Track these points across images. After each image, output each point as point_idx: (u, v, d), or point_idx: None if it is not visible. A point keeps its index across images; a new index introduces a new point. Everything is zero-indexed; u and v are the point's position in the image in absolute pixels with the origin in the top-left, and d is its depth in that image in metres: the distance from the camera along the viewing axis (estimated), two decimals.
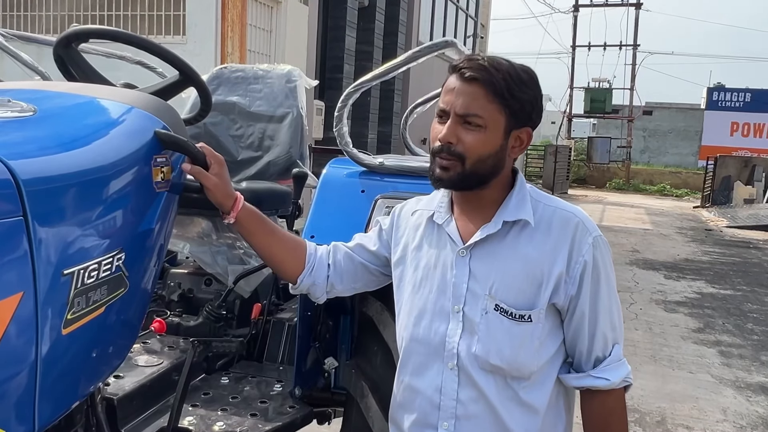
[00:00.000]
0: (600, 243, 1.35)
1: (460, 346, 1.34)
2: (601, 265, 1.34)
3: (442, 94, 1.34)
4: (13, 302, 1.00)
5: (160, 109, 1.49)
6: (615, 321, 1.37)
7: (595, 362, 1.36)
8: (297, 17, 7.66)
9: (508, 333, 1.31)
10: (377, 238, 1.55)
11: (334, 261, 1.54)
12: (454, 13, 15.00)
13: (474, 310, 1.33)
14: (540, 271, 1.32)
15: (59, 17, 6.62)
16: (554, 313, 1.36)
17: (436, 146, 1.33)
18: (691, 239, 12.34)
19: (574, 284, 1.33)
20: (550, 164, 21.40)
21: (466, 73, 1.29)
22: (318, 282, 1.53)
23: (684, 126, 33.03)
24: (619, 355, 1.37)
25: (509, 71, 1.30)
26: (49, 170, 1.12)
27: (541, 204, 1.37)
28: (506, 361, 1.31)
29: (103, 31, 1.72)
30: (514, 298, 1.32)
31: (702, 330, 6.14)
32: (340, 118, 2.01)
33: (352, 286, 1.58)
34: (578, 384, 1.37)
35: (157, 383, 1.93)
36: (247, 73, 2.66)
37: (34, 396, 1.07)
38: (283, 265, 1.53)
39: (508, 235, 1.35)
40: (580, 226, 1.34)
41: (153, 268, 1.45)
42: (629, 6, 26.07)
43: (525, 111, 1.32)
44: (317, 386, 2.15)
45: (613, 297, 1.37)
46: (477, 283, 1.34)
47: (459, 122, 1.29)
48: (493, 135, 1.30)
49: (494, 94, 1.28)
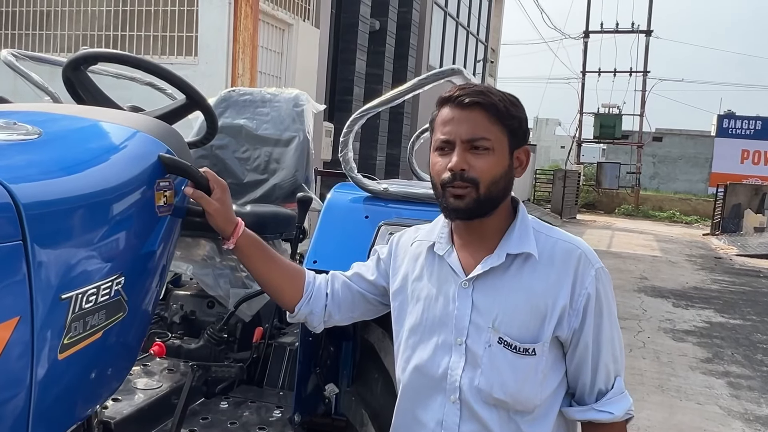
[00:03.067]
0: (602, 275, 1.35)
1: (463, 379, 1.33)
2: (603, 297, 1.34)
3: (439, 127, 1.34)
4: (9, 327, 0.99)
5: (165, 133, 1.50)
6: (617, 353, 1.37)
7: (597, 395, 1.36)
8: (308, 40, 7.73)
9: (512, 366, 1.31)
10: (375, 267, 1.55)
11: (332, 290, 1.53)
12: (464, 38, 15.11)
13: (477, 343, 1.32)
14: (544, 304, 1.32)
15: (73, 37, 6.71)
16: (557, 346, 1.35)
17: (445, 177, 1.32)
18: (701, 267, 12.24)
19: (578, 317, 1.32)
20: (559, 189, 21.35)
21: (465, 100, 1.30)
22: (315, 311, 1.52)
23: (694, 153, 32.96)
24: (621, 388, 1.37)
25: (501, 94, 1.34)
26: (51, 194, 1.12)
27: (542, 235, 1.37)
28: (510, 395, 1.31)
29: (112, 55, 1.74)
30: (517, 331, 1.31)
31: (711, 360, 6.06)
32: (346, 144, 2.01)
33: (350, 315, 1.57)
34: (581, 417, 1.37)
35: (155, 407, 1.91)
36: (254, 96, 2.68)
37: (28, 421, 1.06)
38: (280, 293, 1.53)
39: (511, 267, 1.34)
40: (583, 258, 1.34)
41: (153, 292, 1.44)
42: (639, 33, 26.18)
43: (522, 129, 1.36)
44: (317, 412, 2.12)
45: (615, 329, 1.37)
46: (480, 316, 1.33)
47: (467, 149, 1.30)
48: (500, 156, 1.32)
49: (496, 115, 1.30)
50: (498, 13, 20.50)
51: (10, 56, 2.39)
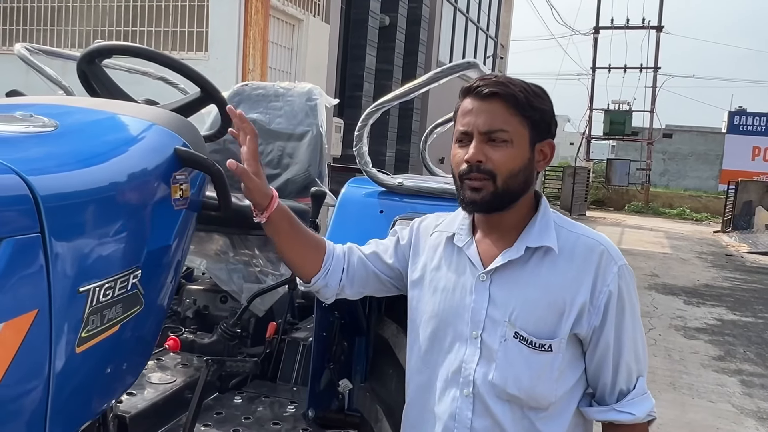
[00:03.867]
0: (625, 272, 1.32)
1: (477, 373, 1.31)
2: (626, 295, 1.31)
3: (459, 118, 1.33)
4: (28, 320, 0.99)
5: (181, 126, 1.49)
6: (639, 352, 1.34)
7: (618, 395, 1.33)
8: (318, 35, 7.71)
9: (527, 362, 1.29)
10: (394, 251, 1.53)
11: (347, 265, 1.51)
12: (474, 34, 15.04)
13: (492, 336, 1.30)
14: (562, 300, 1.29)
15: (84, 32, 6.72)
16: (576, 343, 1.33)
17: (463, 169, 1.30)
18: (712, 264, 12.16)
19: (598, 315, 1.30)
20: (569, 186, 21.26)
21: (484, 90, 1.28)
22: (331, 284, 1.50)
23: (704, 149, 32.77)
24: (643, 388, 1.34)
25: (523, 85, 1.31)
26: (68, 186, 1.12)
27: (564, 230, 1.34)
28: (524, 390, 1.29)
29: (127, 48, 1.74)
30: (534, 326, 1.29)
31: (723, 358, 6.02)
32: (360, 138, 1.99)
33: (361, 290, 1.55)
34: (602, 418, 1.34)
35: (169, 401, 1.91)
36: (267, 90, 2.67)
37: (46, 415, 1.06)
38: (301, 266, 1.49)
39: (530, 261, 1.32)
40: (605, 254, 1.31)
41: (169, 286, 1.44)
42: (650, 29, 25.99)
43: (545, 122, 1.33)
44: (331, 408, 2.11)
45: (638, 328, 1.34)
46: (496, 310, 1.31)
47: (484, 140, 1.28)
48: (519, 149, 1.29)
49: (515, 106, 1.28)
50: (508, 8, 20.41)
51: (24, 50, 2.39)
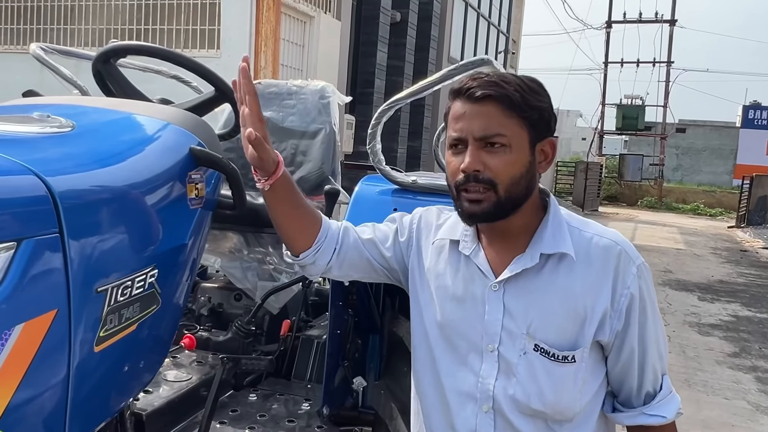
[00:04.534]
0: (644, 271, 1.26)
1: (496, 388, 1.23)
2: (646, 295, 1.25)
3: (451, 123, 1.23)
4: (48, 319, 1.00)
5: (196, 125, 1.50)
6: (662, 350, 1.29)
7: (645, 398, 1.28)
8: (329, 32, 7.71)
9: (550, 375, 1.22)
10: (392, 243, 1.42)
11: (340, 246, 1.40)
12: (485, 29, 14.99)
13: (511, 350, 1.23)
14: (582, 307, 1.22)
15: (97, 31, 6.76)
16: (597, 349, 1.26)
17: (459, 179, 1.21)
18: (726, 260, 12.06)
19: (620, 319, 1.23)
20: (581, 181, 21.17)
21: (476, 92, 1.18)
22: (318, 263, 1.39)
23: (718, 144, 32.51)
24: (669, 387, 1.29)
25: (519, 83, 1.21)
26: (85, 186, 1.12)
27: (576, 230, 1.27)
28: (549, 405, 1.22)
29: (142, 47, 1.74)
30: (555, 337, 1.22)
31: (738, 354, 5.97)
32: (374, 136, 1.99)
33: (349, 273, 1.46)
34: (632, 423, 1.29)
35: (185, 399, 1.93)
36: (280, 88, 2.67)
37: (65, 413, 1.07)
38: (293, 239, 1.39)
39: (545, 267, 1.24)
40: (623, 254, 1.24)
41: (185, 285, 1.45)
42: (663, 23, 25.79)
43: (544, 120, 1.23)
44: (345, 405, 2.12)
45: (659, 325, 1.28)
46: (513, 321, 1.23)
47: (480, 146, 1.19)
48: (519, 153, 1.20)
49: (511, 108, 1.18)
50: (519, 3, 20.30)
51: (39, 50, 2.41)
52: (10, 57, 6.88)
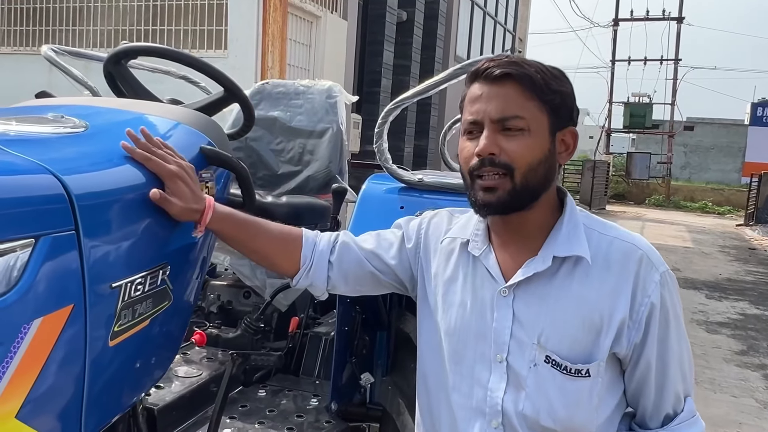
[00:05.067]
0: (668, 280, 1.16)
1: (506, 402, 1.15)
2: (669, 306, 1.15)
3: (467, 106, 1.17)
4: (64, 314, 1.02)
5: (206, 125, 1.52)
6: (686, 371, 1.19)
7: (664, 420, 1.19)
8: (336, 32, 7.74)
9: (562, 390, 1.13)
10: (397, 252, 1.36)
11: (340, 262, 1.36)
12: (492, 28, 14.98)
13: (520, 361, 1.15)
14: (599, 317, 1.13)
15: (105, 32, 6.81)
16: (614, 363, 1.17)
17: (474, 164, 1.14)
18: (734, 258, 12.02)
19: (639, 330, 1.14)
20: (588, 179, 21.10)
21: (495, 72, 1.12)
22: (316, 283, 1.36)
23: (727, 142, 32.35)
24: (692, 411, 1.19)
25: (539, 65, 1.15)
26: (100, 185, 1.15)
27: (595, 233, 1.18)
28: (560, 422, 1.13)
29: (153, 49, 1.77)
30: (568, 348, 1.13)
31: (745, 352, 5.96)
32: (381, 135, 2.01)
33: (357, 289, 1.41)
34: None
35: (196, 394, 1.96)
36: (288, 88, 2.70)
37: (81, 406, 1.09)
38: (274, 266, 1.38)
39: (558, 272, 1.16)
40: (645, 260, 1.15)
41: (196, 281, 1.47)
42: (671, 20, 25.68)
43: (566, 106, 1.16)
44: (353, 401, 2.14)
45: (684, 342, 1.19)
46: (523, 330, 1.15)
47: (497, 129, 1.12)
48: (538, 138, 1.13)
49: (531, 89, 1.11)
50: (526, 2, 20.27)
51: (51, 52, 2.45)
52: (20, 58, 6.94)
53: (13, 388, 0.94)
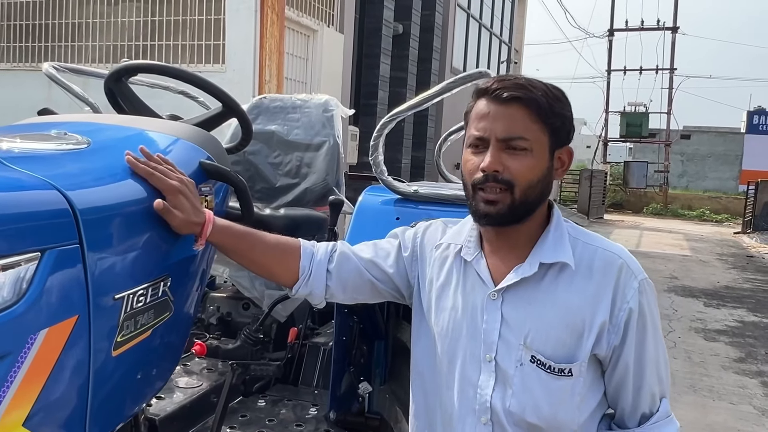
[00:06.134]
0: (646, 287, 1.24)
1: (494, 399, 1.23)
2: (647, 312, 1.23)
3: (474, 121, 1.23)
4: (69, 325, 1.06)
5: (204, 140, 1.56)
6: (662, 373, 1.26)
7: (641, 419, 1.26)
8: (333, 45, 7.81)
9: (546, 388, 1.20)
10: (395, 260, 1.42)
11: (338, 271, 1.41)
12: (488, 39, 15.08)
13: (507, 361, 1.22)
14: (581, 320, 1.21)
15: (104, 47, 6.87)
16: (595, 364, 1.25)
17: (478, 177, 1.21)
18: (732, 266, 12.05)
19: (618, 333, 1.21)
20: (586, 189, 21.17)
21: (503, 94, 1.19)
22: (315, 291, 1.41)
23: (723, 150, 32.47)
24: (667, 411, 1.26)
25: (544, 88, 1.22)
26: (103, 200, 1.19)
27: (580, 242, 1.26)
28: (544, 419, 1.21)
29: (153, 66, 1.81)
30: (552, 349, 1.20)
31: (744, 360, 5.98)
32: (376, 147, 2.05)
33: (355, 297, 1.47)
34: None
35: (196, 405, 1.98)
36: (285, 102, 2.74)
37: (86, 415, 1.12)
38: (274, 276, 1.43)
39: (545, 278, 1.24)
40: (625, 268, 1.23)
41: (196, 293, 1.51)
42: (665, 30, 25.86)
43: (565, 128, 1.24)
44: (351, 410, 2.17)
45: (660, 346, 1.26)
46: (510, 331, 1.23)
47: (502, 148, 1.19)
48: (539, 157, 1.20)
49: (537, 113, 1.19)
50: (521, 13, 20.40)
51: (52, 69, 2.49)
52: (20, 74, 7.00)
53: (21, 396, 0.97)
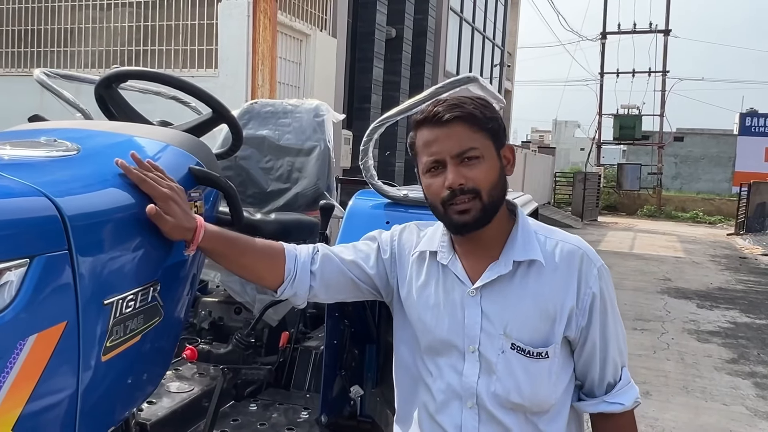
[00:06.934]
0: (604, 272, 1.39)
1: (479, 386, 1.35)
2: (607, 295, 1.38)
3: (423, 150, 1.35)
4: (58, 331, 1.07)
5: (194, 146, 1.57)
6: (621, 346, 1.41)
7: (607, 388, 1.40)
8: (326, 50, 7.83)
9: (526, 371, 1.33)
10: (375, 262, 1.51)
11: (322, 272, 1.48)
12: (480, 43, 15.14)
13: (490, 350, 1.34)
14: (553, 307, 1.34)
15: (96, 53, 6.87)
16: (566, 345, 1.39)
17: (445, 195, 1.32)
18: (725, 267, 12.10)
19: (584, 316, 1.36)
20: (579, 191, 21.25)
21: (444, 116, 1.31)
22: (299, 293, 1.48)
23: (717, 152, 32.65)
24: (627, 378, 1.42)
25: (474, 101, 1.36)
26: (92, 206, 1.20)
27: (543, 238, 1.40)
28: (527, 398, 1.34)
29: (142, 72, 1.82)
30: (529, 336, 1.34)
31: (736, 361, 6.01)
32: (366, 152, 2.07)
33: (336, 296, 1.55)
34: (594, 410, 1.41)
35: (188, 409, 1.99)
36: (276, 107, 2.76)
37: (75, 419, 1.13)
38: (261, 280, 1.49)
39: (517, 273, 1.36)
40: (585, 258, 1.37)
41: (186, 298, 1.52)
42: (657, 32, 26.01)
43: (501, 128, 1.37)
44: (343, 414, 2.18)
45: (618, 323, 1.41)
46: (490, 324, 1.35)
47: (458, 163, 1.31)
48: (490, 160, 1.33)
49: (476, 124, 1.32)
50: (514, 17, 20.50)
51: (43, 75, 2.49)
52: (11, 80, 7.00)
53: (10, 401, 0.98)
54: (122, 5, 6.73)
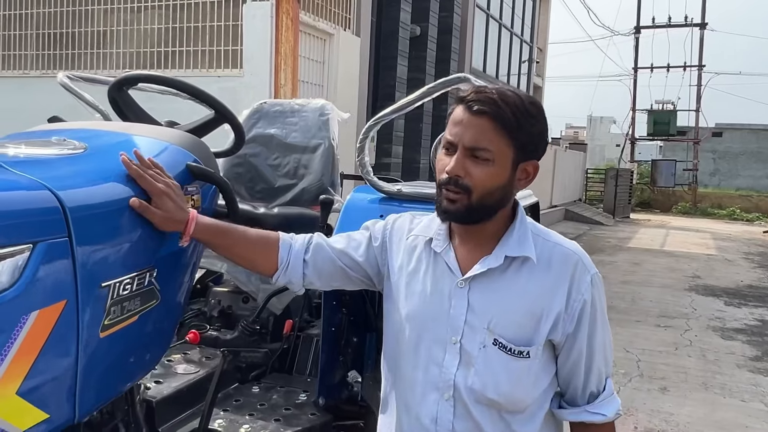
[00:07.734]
0: (597, 281, 1.37)
1: (457, 378, 1.34)
2: (598, 303, 1.36)
3: (450, 126, 1.33)
4: (59, 308, 1.20)
5: (193, 144, 1.71)
6: (608, 356, 1.40)
7: (589, 397, 1.39)
8: (349, 48, 7.95)
9: (506, 368, 1.33)
10: (365, 251, 1.54)
11: (314, 260, 1.53)
12: (508, 40, 15.08)
13: (472, 343, 1.34)
14: (540, 308, 1.33)
15: (127, 54, 7.11)
16: (549, 348, 1.38)
17: (443, 178, 1.32)
18: (758, 265, 11.89)
19: (572, 322, 1.34)
20: (611, 188, 21.01)
21: (474, 107, 1.28)
22: (293, 280, 1.54)
23: (757, 147, 31.89)
24: (611, 389, 1.41)
25: (517, 104, 1.29)
26: (92, 199, 1.33)
27: (540, 239, 1.38)
28: (503, 395, 1.33)
29: (146, 76, 1.97)
30: (513, 333, 1.33)
31: (759, 358, 5.96)
32: (362, 149, 2.18)
33: (330, 284, 1.59)
34: (575, 419, 1.41)
35: (192, 389, 2.13)
36: (284, 107, 2.89)
37: (75, 387, 1.27)
38: (256, 268, 1.57)
39: (508, 269, 1.35)
40: (579, 264, 1.36)
41: (184, 284, 1.65)
42: (693, 26, 25.53)
43: (533, 143, 1.32)
44: (341, 398, 2.29)
45: (607, 333, 1.40)
46: (475, 317, 1.34)
47: (467, 155, 1.29)
48: (500, 168, 1.30)
49: (503, 128, 1.27)
50: (545, 12, 20.34)
51: (66, 78, 2.67)
52: (46, 81, 7.27)
53: (14, 369, 1.12)
54: (152, 8, 6.96)
